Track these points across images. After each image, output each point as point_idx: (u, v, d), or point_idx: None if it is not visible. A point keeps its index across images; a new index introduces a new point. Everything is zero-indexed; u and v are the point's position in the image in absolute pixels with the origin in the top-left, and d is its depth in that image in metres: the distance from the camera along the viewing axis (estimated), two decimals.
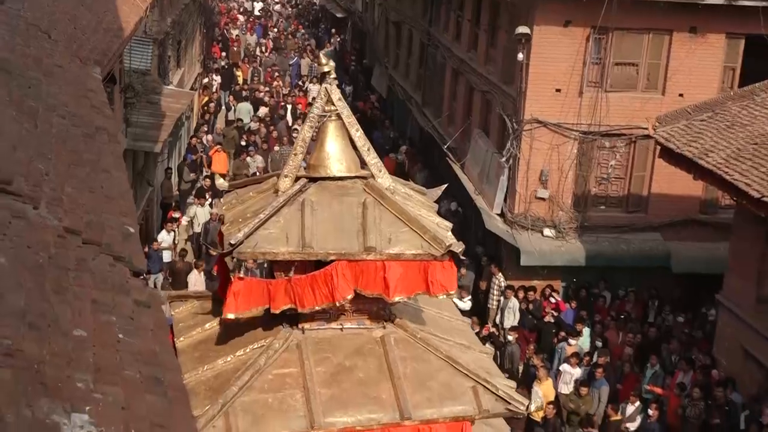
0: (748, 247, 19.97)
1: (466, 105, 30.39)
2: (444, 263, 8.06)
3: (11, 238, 6.17)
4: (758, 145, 18.57)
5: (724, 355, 20.73)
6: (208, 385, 8.00)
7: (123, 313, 6.38)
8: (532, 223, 25.61)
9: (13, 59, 10.14)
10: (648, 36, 24.95)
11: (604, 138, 25.33)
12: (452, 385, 8.06)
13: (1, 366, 4.80)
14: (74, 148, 9.29)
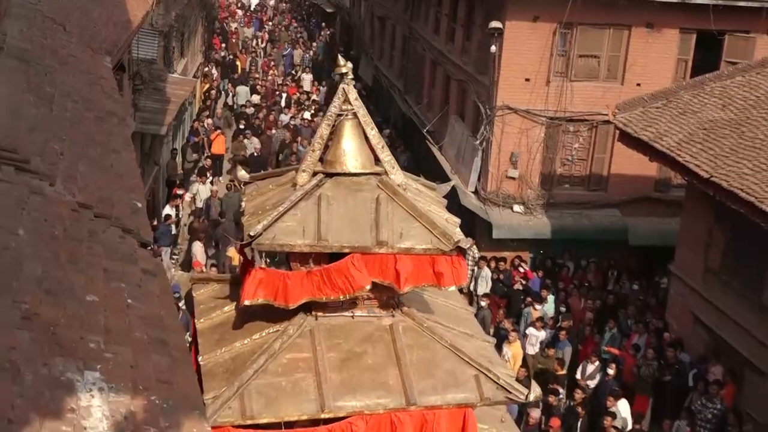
0: (697, 222, 20.04)
1: (443, 92, 30.32)
2: (452, 257, 7.87)
3: (29, 212, 6.14)
4: (707, 130, 18.62)
5: (674, 319, 20.85)
6: (225, 367, 7.81)
7: (131, 281, 6.37)
8: (503, 200, 25.64)
9: (31, 49, 10.06)
10: (609, 31, 24.93)
11: (568, 123, 25.35)
12: (456, 373, 7.87)
13: (20, 328, 4.79)
14: (87, 130, 9.25)
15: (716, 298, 19.06)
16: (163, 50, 28.81)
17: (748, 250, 17.85)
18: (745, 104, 18.93)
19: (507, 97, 24.99)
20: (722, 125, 18.52)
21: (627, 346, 20.10)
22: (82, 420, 4.39)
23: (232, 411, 7.23)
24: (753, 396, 17.65)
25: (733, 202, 16.63)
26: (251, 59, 49.57)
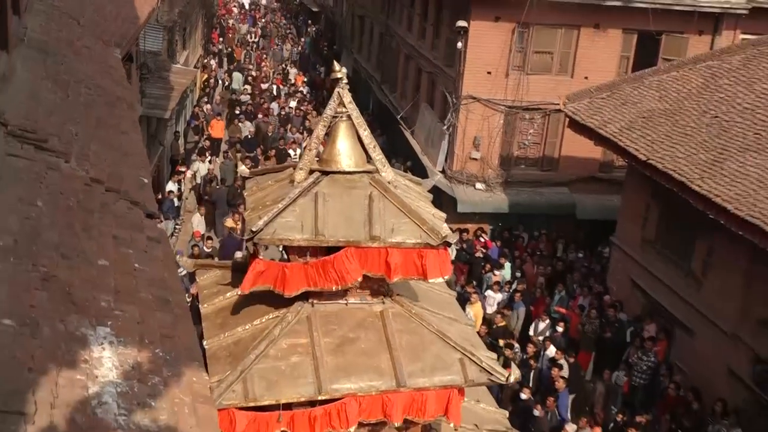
0: (635, 199, 20.16)
1: (415, 83, 30.26)
2: (439, 251, 7.61)
3: (47, 185, 6.11)
4: (645, 118, 18.70)
5: (615, 283, 21.01)
6: (228, 351, 7.57)
7: (138, 247, 6.35)
8: (466, 178, 25.69)
9: (49, 41, 9.96)
10: (561, 30, 24.94)
11: (524, 111, 25.37)
12: (442, 357, 7.65)
13: (39, 289, 4.77)
14: (98, 113, 9.18)
15: (651, 265, 19.22)
16: (167, 43, 28.66)
17: (680, 224, 17.99)
18: (679, 96, 19.02)
19: (471, 87, 24.99)
20: (658, 114, 18.61)
21: (573, 306, 20.26)
22: (94, 370, 4.38)
23: (236, 394, 7.05)
24: (682, 350, 17.85)
25: (666, 182, 16.75)
26: (246, 52, 49.41)
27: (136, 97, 18.88)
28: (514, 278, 22.08)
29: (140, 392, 4.42)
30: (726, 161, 15.92)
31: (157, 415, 4.33)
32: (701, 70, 19.67)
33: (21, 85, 7.67)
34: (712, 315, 16.91)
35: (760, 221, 14.01)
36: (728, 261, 16.51)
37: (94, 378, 4.31)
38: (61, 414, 3.91)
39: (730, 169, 15.63)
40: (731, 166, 15.71)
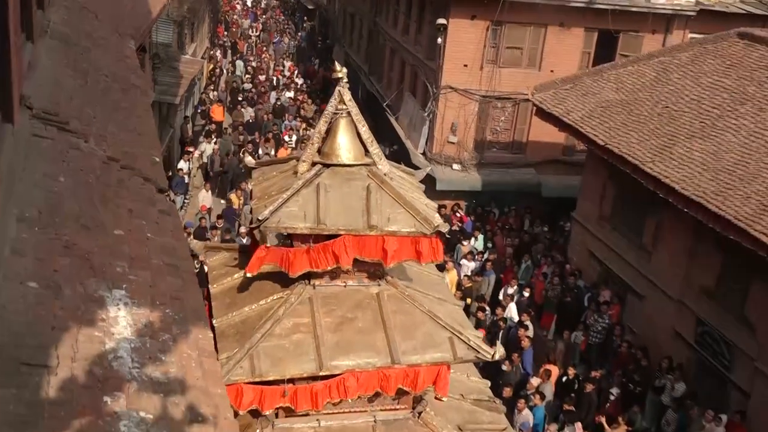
0: (594, 179, 20.24)
1: (400, 74, 30.20)
2: (432, 239, 7.49)
3: (69, 163, 6.08)
4: (604, 108, 18.73)
5: (574, 254, 21.14)
6: (236, 329, 7.39)
7: (150, 219, 6.33)
8: (444, 160, 25.74)
9: (70, 33, 9.86)
10: (530, 28, 24.91)
11: (497, 100, 25.39)
12: (433, 336, 7.52)
13: (61, 255, 4.76)
14: (115, 99, 9.11)
15: (607, 238, 19.33)
16: (176, 36, 28.45)
17: (632, 202, 18.09)
18: (634, 88, 19.05)
19: (449, 79, 24.97)
20: (615, 104, 18.64)
21: (538, 274, 20.37)
22: (111, 327, 4.39)
23: (243, 370, 6.93)
24: (633, 314, 18.00)
25: (622, 165, 16.81)
26: (248, 45, 49.20)
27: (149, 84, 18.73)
28: (486, 249, 22.20)
29: (152, 348, 4.43)
30: (674, 146, 16.00)
31: (167, 368, 4.34)
32: (654, 65, 19.70)
33: (45, 73, 7.60)
34: (660, 283, 17.05)
35: (703, 200, 14.11)
36: (674, 235, 16.63)
37: (110, 335, 4.31)
38: (81, 367, 3.92)
39: (678, 153, 15.71)
40: (679, 150, 15.79)
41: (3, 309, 3.98)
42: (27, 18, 6.99)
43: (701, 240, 15.62)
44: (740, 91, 16.90)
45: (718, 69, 18.17)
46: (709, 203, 13.93)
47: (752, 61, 17.83)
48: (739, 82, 17.27)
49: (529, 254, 21.62)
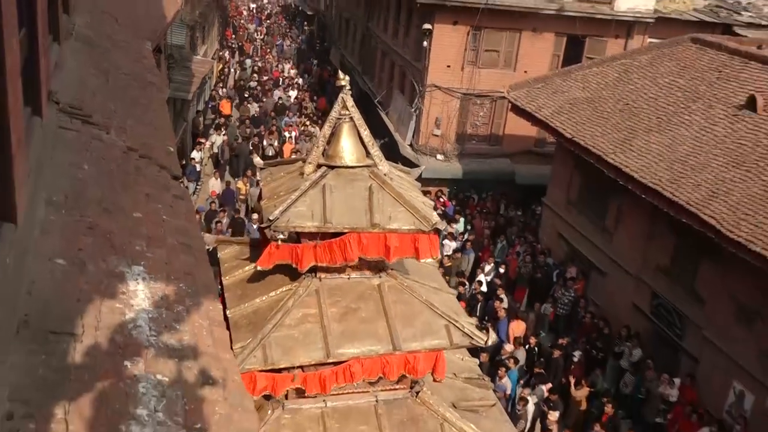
0: (562, 168, 20.28)
1: (389, 74, 30.13)
2: (430, 236, 7.22)
3: (92, 152, 6.04)
4: (571, 104, 18.74)
5: (545, 235, 21.21)
6: (248, 319, 7.12)
7: (166, 203, 6.30)
8: (429, 150, 25.74)
9: (93, 35, 9.78)
10: (506, 33, 24.89)
11: (476, 98, 25.38)
12: (431, 324, 7.29)
13: (85, 235, 4.74)
14: (133, 95, 9.05)
15: (574, 221, 19.39)
16: (189, 38, 28.30)
17: (596, 189, 18.13)
18: (598, 87, 19.05)
19: (434, 78, 24.93)
20: (582, 102, 18.65)
21: (512, 253, 20.43)
22: (131, 300, 4.37)
23: (257, 359, 6.71)
24: (595, 288, 18.10)
25: (587, 155, 16.84)
26: (253, 46, 48.92)
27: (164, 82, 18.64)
28: (466, 230, 22.23)
29: (167, 318, 4.42)
30: (634, 139, 16.03)
31: (181, 336, 4.34)
32: (616, 67, 19.70)
33: (70, 71, 7.54)
34: (621, 261, 17.14)
35: (658, 187, 14.16)
36: (633, 219, 16.70)
37: (130, 306, 4.30)
38: (104, 335, 3.91)
39: (637, 145, 15.74)
40: (638, 143, 15.82)
41: (33, 283, 3.96)
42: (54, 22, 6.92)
43: (657, 223, 15.69)
44: (692, 90, 16.92)
45: (673, 70, 18.19)
46: (664, 190, 13.98)
47: (703, 64, 17.85)
48: (691, 82, 17.29)
49: (504, 235, 21.71)
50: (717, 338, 14.02)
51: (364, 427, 7.28)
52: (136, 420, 3.44)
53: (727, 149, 14.38)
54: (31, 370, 3.37)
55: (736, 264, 12.76)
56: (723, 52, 17.89)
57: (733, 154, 14.17)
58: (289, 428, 7.15)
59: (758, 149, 13.98)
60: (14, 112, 3.84)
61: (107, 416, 3.35)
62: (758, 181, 13.13)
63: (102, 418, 3.32)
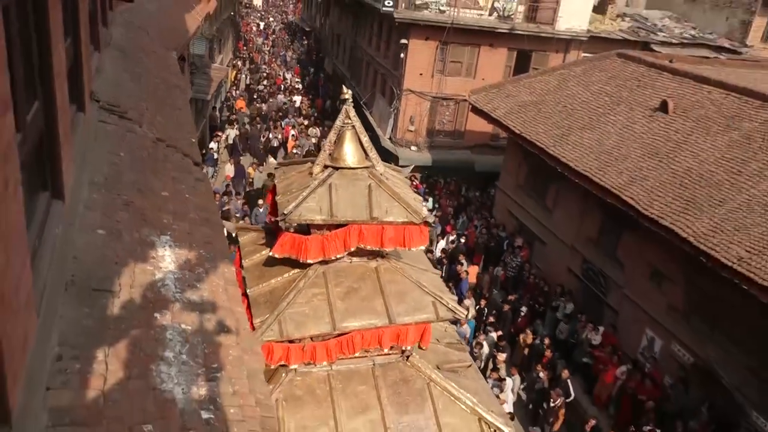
0: (512, 158, 20.31)
1: (373, 80, 29.91)
2: (420, 227, 7.00)
3: (127, 142, 5.96)
4: (521, 106, 18.69)
5: (498, 212, 21.29)
6: (266, 298, 6.94)
7: (188, 184, 6.24)
8: (405, 143, 25.65)
9: (127, 45, 9.60)
10: (467, 47, 24.75)
11: (443, 100, 25.28)
12: (420, 300, 7.14)
13: (121, 210, 4.68)
14: (161, 95, 8.92)
15: (521, 200, 19.48)
16: (208, 49, 27.85)
17: (540, 175, 18.19)
18: (542, 92, 19.05)
19: (409, 84, 24.75)
20: (529, 104, 18.64)
21: (471, 226, 20.50)
22: (159, 263, 4.34)
23: (273, 332, 6.58)
24: (538, 255, 18.23)
25: (532, 148, 16.87)
26: (261, 56, 48.28)
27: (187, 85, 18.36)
28: (434, 208, 22.22)
29: (190, 278, 4.40)
30: (570, 135, 16.07)
31: (201, 293, 4.32)
32: (556, 76, 19.68)
33: (109, 75, 7.41)
34: (558, 233, 17.26)
35: (589, 174, 14.24)
36: (569, 199, 16.79)
37: (159, 268, 4.27)
38: (137, 292, 3.88)
39: (573, 140, 15.79)
40: (573, 138, 15.87)
41: (79, 250, 3.92)
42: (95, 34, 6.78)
43: (587, 203, 15.80)
44: (617, 96, 16.97)
45: (602, 79, 18.21)
46: (593, 176, 14.06)
47: (626, 74, 17.89)
48: (616, 89, 17.33)
49: (464, 212, 21.76)
50: (633, 295, 14.21)
51: (363, 386, 7.22)
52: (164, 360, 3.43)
53: (644, 143, 14.47)
54: (76, 321, 3.34)
55: (649, 236, 12.91)
56: (642, 65, 17.94)
57: (649, 147, 14.26)
58: (300, 388, 7.07)
59: (669, 143, 14.08)
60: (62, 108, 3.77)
61: (140, 358, 3.34)
62: (668, 169, 13.24)
63: (136, 359, 3.30)
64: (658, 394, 12.42)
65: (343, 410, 6.95)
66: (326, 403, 6.98)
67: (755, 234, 10.66)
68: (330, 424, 6.81)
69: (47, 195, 3.59)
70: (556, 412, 12.58)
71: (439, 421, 7.15)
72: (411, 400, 7.25)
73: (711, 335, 12.11)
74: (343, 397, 7.07)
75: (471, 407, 7.32)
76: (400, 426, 7.04)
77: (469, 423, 7.30)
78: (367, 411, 7.04)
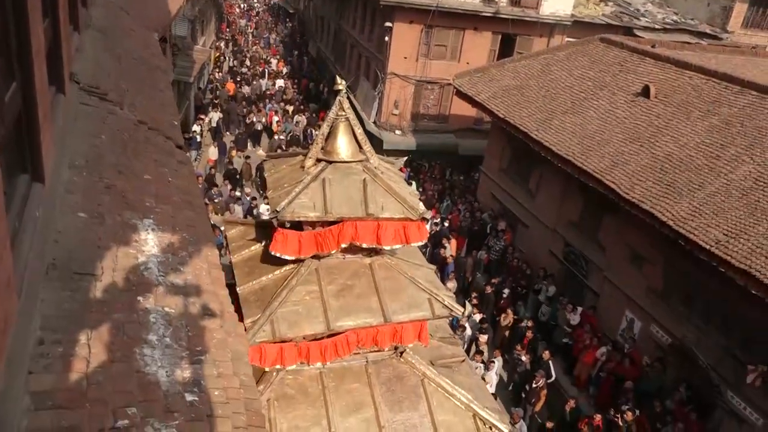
0: (496, 142, 20.33)
1: (357, 63, 29.68)
2: (417, 223, 6.75)
3: (108, 124, 5.87)
4: (504, 90, 18.71)
5: (481, 195, 21.34)
6: (256, 296, 6.67)
7: (171, 167, 6.17)
8: (389, 127, 25.55)
9: (108, 26, 9.42)
10: (452, 31, 24.60)
11: (427, 84, 25.18)
12: (415, 298, 6.88)
13: (103, 193, 4.63)
14: (142, 77, 8.78)
15: (504, 184, 19.55)
16: (190, 30, 27.44)
17: (523, 159, 18.25)
18: (526, 77, 19.04)
19: (393, 67, 24.59)
20: (512, 88, 18.64)
21: (455, 210, 20.55)
22: (142, 246, 4.30)
23: (266, 333, 6.31)
24: (521, 238, 18.35)
25: (515, 132, 16.90)
26: (244, 38, 47.67)
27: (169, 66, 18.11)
28: (418, 191, 22.23)
29: (173, 261, 4.37)
30: (552, 119, 16.11)
31: (184, 276, 4.29)
32: (540, 61, 19.68)
33: (88, 56, 7.27)
34: (540, 216, 17.36)
35: (571, 158, 14.31)
36: (551, 183, 16.88)
37: (142, 252, 4.23)
38: (120, 275, 3.85)
39: (556, 125, 15.84)
40: (556, 123, 15.91)
41: (59, 233, 3.87)
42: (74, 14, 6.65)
43: (569, 186, 15.89)
44: (600, 81, 17.03)
45: (585, 64, 18.25)
46: (576, 160, 14.13)
47: (609, 59, 17.94)
48: (599, 74, 17.38)
49: (449, 196, 21.79)
50: (614, 277, 14.37)
51: (356, 384, 7.02)
52: (147, 344, 3.42)
53: (626, 128, 14.56)
54: (58, 304, 3.31)
55: (630, 219, 13.04)
56: (625, 50, 17.99)
57: (631, 132, 14.36)
58: (292, 387, 6.87)
59: (650, 128, 14.19)
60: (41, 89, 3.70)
61: (123, 341, 3.32)
62: (649, 153, 13.35)
63: (119, 343, 3.28)
64: (637, 375, 12.63)
65: (336, 409, 6.77)
66: (319, 402, 6.78)
67: (732, 218, 10.82)
68: (323, 424, 6.63)
69: (27, 178, 3.53)
70: (538, 393, 12.76)
71: (434, 419, 7.00)
72: (405, 397, 7.08)
73: (689, 317, 12.32)
74: (336, 396, 6.88)
75: (466, 404, 7.18)
76: (395, 424, 6.87)
77: (464, 419, 7.14)
78: (360, 409, 6.86)
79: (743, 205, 10.99)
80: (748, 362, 10.89)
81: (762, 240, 10.11)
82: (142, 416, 2.91)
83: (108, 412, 2.83)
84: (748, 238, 10.23)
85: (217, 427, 3.17)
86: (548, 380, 12.97)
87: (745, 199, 11.12)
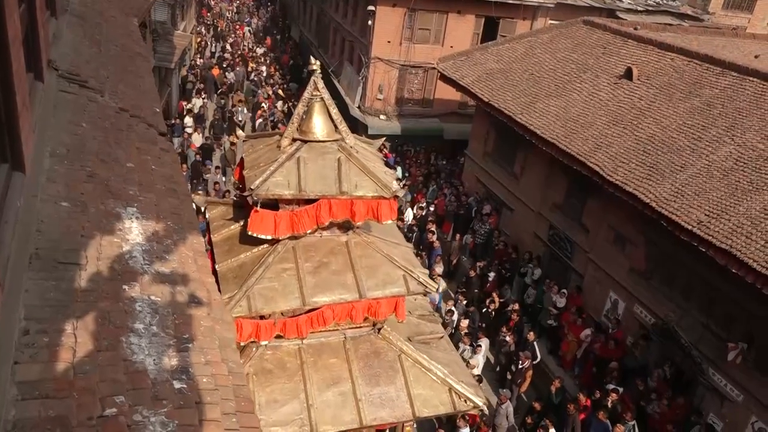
0: (480, 126, 20.35)
1: (341, 47, 29.45)
2: (390, 201, 6.87)
3: (89, 112, 5.79)
4: (488, 74, 18.69)
5: (467, 180, 21.38)
6: (234, 273, 6.81)
7: (154, 155, 6.11)
8: (374, 111, 25.45)
9: (86, 11, 9.25)
10: (435, 14, 24.47)
11: (411, 68, 25.05)
12: (391, 274, 7.04)
13: (86, 182, 4.58)
14: (123, 63, 8.65)
15: (489, 168, 19.59)
16: (170, 15, 27.00)
17: (507, 143, 18.29)
18: (510, 60, 19.03)
19: (377, 51, 24.42)
20: (496, 72, 18.62)
21: (440, 194, 20.58)
22: (126, 235, 4.27)
23: (242, 308, 6.47)
24: (506, 221, 18.44)
25: (500, 116, 16.91)
26: (226, 23, 47.02)
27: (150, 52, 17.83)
28: (404, 177, 22.23)
29: (158, 249, 4.34)
30: (537, 103, 16.14)
31: (170, 264, 4.27)
32: (524, 44, 19.66)
33: (67, 42, 7.15)
34: (525, 199, 17.45)
35: (555, 141, 14.36)
36: (535, 166, 16.95)
37: (126, 240, 4.20)
38: (104, 264, 3.82)
39: (540, 108, 15.87)
40: (540, 106, 15.94)
41: (42, 222, 3.83)
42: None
43: (553, 169, 15.96)
44: (583, 63, 17.06)
45: (568, 47, 18.26)
46: (560, 143, 14.19)
47: (592, 42, 17.97)
48: (582, 56, 17.41)
49: (434, 180, 21.81)
50: (598, 259, 14.52)
51: (334, 359, 7.15)
52: (134, 332, 3.41)
53: (609, 111, 14.63)
54: (43, 294, 3.29)
55: (613, 202, 13.15)
56: (608, 32, 18.02)
57: (614, 114, 14.43)
58: (271, 363, 6.99)
59: (633, 111, 14.27)
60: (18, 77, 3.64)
61: (110, 330, 3.31)
62: (632, 136, 13.44)
63: (105, 331, 3.27)
64: (621, 354, 12.81)
65: (314, 383, 6.91)
66: (297, 376, 6.92)
67: (714, 198, 10.95)
68: (301, 398, 6.77)
69: (6, 167, 3.49)
70: (523, 374, 12.91)
71: (410, 392, 7.16)
72: (382, 372, 7.23)
73: (671, 296, 12.49)
74: (314, 370, 7.02)
75: (442, 378, 7.32)
76: (372, 397, 7.02)
77: (440, 393, 7.31)
78: (338, 383, 7.01)
79: (724, 186, 11.12)
80: (728, 340, 11.09)
81: (742, 220, 10.25)
82: (130, 404, 2.91)
83: (96, 400, 2.83)
84: (729, 218, 10.37)
85: (206, 413, 3.17)
86: (534, 361, 13.12)
87: (726, 179, 11.25)
